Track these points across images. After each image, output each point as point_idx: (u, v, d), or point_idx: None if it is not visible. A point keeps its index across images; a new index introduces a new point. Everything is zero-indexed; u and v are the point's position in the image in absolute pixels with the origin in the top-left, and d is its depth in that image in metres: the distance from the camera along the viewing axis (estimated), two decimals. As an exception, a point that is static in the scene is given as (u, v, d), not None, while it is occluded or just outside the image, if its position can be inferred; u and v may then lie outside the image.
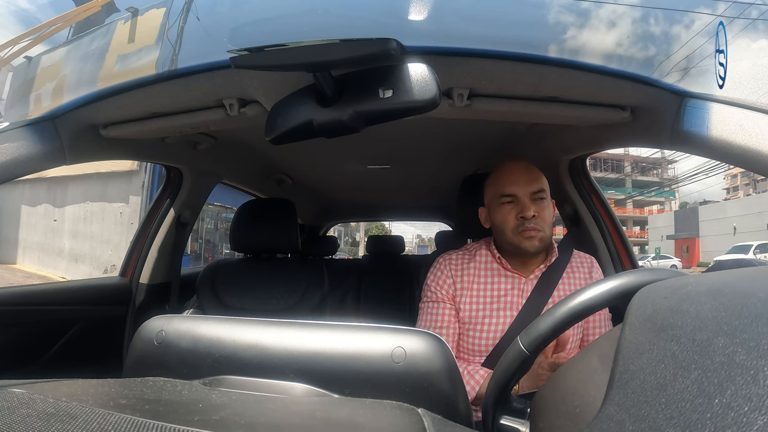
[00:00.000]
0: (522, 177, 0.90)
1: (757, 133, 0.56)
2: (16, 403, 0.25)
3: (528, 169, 0.92)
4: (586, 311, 0.41)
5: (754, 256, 13.76)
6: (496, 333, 0.87)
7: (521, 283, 0.91)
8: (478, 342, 0.87)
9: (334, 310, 1.38)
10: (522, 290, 0.90)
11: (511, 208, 0.89)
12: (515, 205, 0.88)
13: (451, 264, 0.96)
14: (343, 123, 0.65)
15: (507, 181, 0.90)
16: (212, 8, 0.75)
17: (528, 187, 0.88)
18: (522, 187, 0.88)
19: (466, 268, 0.94)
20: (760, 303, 0.21)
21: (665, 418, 0.20)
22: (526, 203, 0.87)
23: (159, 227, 1.44)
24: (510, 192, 0.89)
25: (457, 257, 0.97)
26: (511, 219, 0.88)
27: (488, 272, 0.93)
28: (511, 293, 0.90)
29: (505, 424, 0.44)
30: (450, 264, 0.96)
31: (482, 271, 0.93)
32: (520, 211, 0.87)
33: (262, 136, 0.72)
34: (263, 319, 0.41)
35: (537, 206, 0.87)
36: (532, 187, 0.89)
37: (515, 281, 0.91)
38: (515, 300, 0.89)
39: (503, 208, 0.89)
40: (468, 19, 0.67)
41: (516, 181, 0.89)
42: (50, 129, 0.83)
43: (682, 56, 0.64)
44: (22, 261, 8.61)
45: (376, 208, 3.11)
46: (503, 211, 0.89)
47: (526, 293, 0.89)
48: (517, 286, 0.90)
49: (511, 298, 0.89)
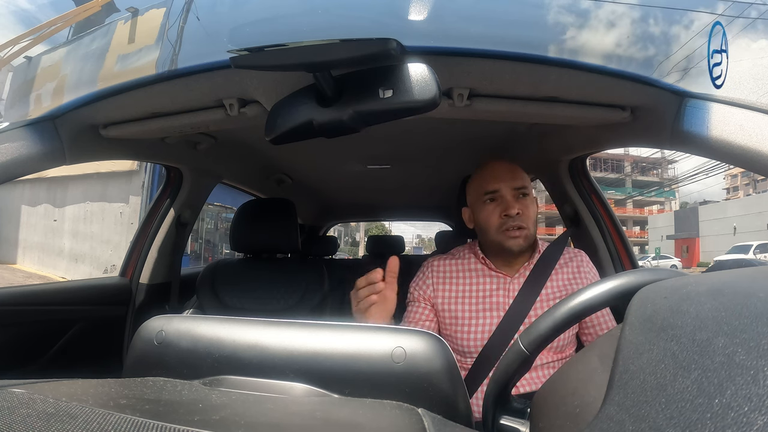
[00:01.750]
0: (505, 173, 0.89)
1: (757, 133, 0.56)
2: (16, 403, 0.25)
3: (510, 166, 0.91)
4: (586, 311, 0.41)
5: (754, 256, 13.76)
6: (483, 333, 0.86)
7: (507, 283, 0.90)
8: (466, 343, 0.87)
9: (334, 310, 1.38)
10: (508, 290, 0.89)
11: (495, 206, 0.88)
12: (498, 204, 0.88)
13: (432, 268, 0.96)
14: (343, 123, 0.65)
15: (490, 178, 0.90)
16: (212, 8, 0.75)
17: (511, 183, 0.88)
18: (505, 182, 0.88)
19: (450, 271, 0.94)
20: (760, 303, 0.21)
21: (665, 418, 0.20)
22: (510, 200, 0.87)
23: (159, 227, 1.44)
24: (493, 188, 0.88)
25: (440, 261, 0.97)
26: (495, 217, 0.88)
27: (473, 273, 0.93)
28: (497, 293, 0.89)
29: (505, 424, 0.44)
30: (432, 268, 0.96)
31: (467, 272, 0.93)
32: (504, 210, 0.87)
33: (262, 136, 0.72)
34: (263, 319, 0.41)
35: (520, 204, 0.87)
36: (515, 183, 0.88)
37: (500, 281, 0.91)
38: (501, 300, 0.88)
39: (486, 206, 0.89)
40: (468, 19, 0.67)
41: (498, 177, 0.89)
42: (50, 129, 0.83)
43: (682, 56, 0.64)
44: (22, 261, 8.61)
45: (376, 208, 3.11)
46: (487, 210, 0.89)
47: (512, 292, 0.89)
48: (502, 286, 0.90)
49: (497, 298, 0.89)
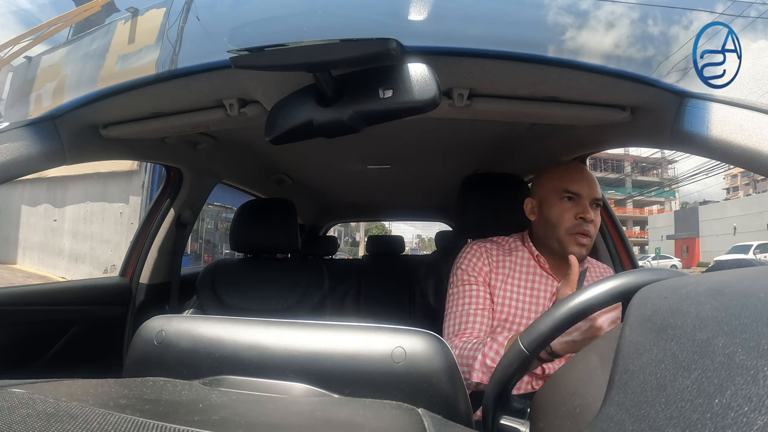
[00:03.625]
0: (590, 180, 0.88)
1: (757, 133, 0.56)
2: (16, 403, 0.25)
3: (593, 176, 0.90)
4: (586, 311, 0.41)
5: (754, 256, 13.74)
6: None
7: (554, 286, 0.88)
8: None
9: (334, 310, 1.38)
10: (554, 293, 0.87)
11: (572, 206, 0.86)
12: (576, 205, 0.86)
13: (487, 251, 0.92)
14: (343, 123, 0.65)
15: (574, 179, 0.88)
16: (212, 8, 0.75)
17: (593, 192, 0.87)
18: (588, 189, 0.87)
19: (503, 261, 0.91)
20: (760, 303, 0.21)
21: (665, 418, 0.20)
22: (587, 206, 0.85)
23: (159, 227, 1.44)
24: (576, 190, 0.86)
25: (492, 247, 0.93)
26: (570, 217, 0.85)
27: (525, 269, 0.90)
28: (544, 295, 0.88)
29: (505, 424, 0.44)
30: (486, 251, 0.92)
31: (519, 266, 0.90)
32: (580, 212, 0.85)
33: (262, 136, 0.72)
34: (263, 319, 0.41)
35: (594, 213, 0.86)
36: (595, 193, 0.87)
37: (549, 283, 0.89)
38: (547, 303, 0.87)
39: (563, 203, 0.87)
40: (468, 19, 0.67)
41: (583, 182, 0.87)
42: (50, 129, 0.83)
43: (681, 56, 0.64)
44: (22, 261, 8.60)
45: (376, 208, 3.11)
46: (562, 207, 0.86)
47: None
48: (550, 289, 0.88)
49: (544, 300, 0.87)
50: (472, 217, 1.10)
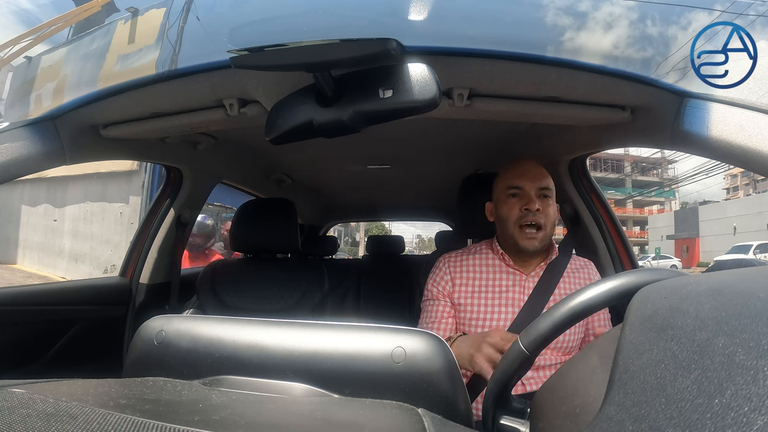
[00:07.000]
0: (531, 172, 0.92)
1: (757, 133, 0.56)
2: (16, 403, 0.25)
3: (537, 167, 0.94)
4: (586, 311, 0.41)
5: (754, 256, 13.74)
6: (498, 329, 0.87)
7: (522, 280, 0.92)
8: None
9: (334, 310, 1.38)
10: (523, 287, 0.91)
11: (516, 201, 0.91)
12: (520, 198, 0.91)
13: (449, 262, 0.97)
14: (343, 123, 0.65)
15: (515, 174, 0.93)
16: (212, 8, 0.75)
17: (535, 182, 0.91)
18: (529, 181, 0.91)
19: (466, 264, 0.96)
20: (760, 303, 0.21)
21: (665, 418, 0.20)
22: (532, 196, 0.89)
23: (159, 227, 1.44)
24: (518, 184, 0.91)
25: (456, 255, 0.99)
26: (515, 211, 0.90)
27: (489, 268, 0.94)
28: (513, 289, 0.91)
29: (505, 424, 0.44)
30: (449, 262, 0.98)
31: (483, 266, 0.95)
32: (524, 204, 0.89)
33: (262, 136, 0.72)
34: (263, 319, 0.41)
35: (542, 202, 0.89)
36: (539, 183, 0.91)
37: (516, 278, 0.92)
38: (517, 296, 0.90)
39: (509, 200, 0.92)
40: (468, 19, 0.67)
41: (524, 175, 0.92)
42: (50, 129, 0.83)
43: (681, 56, 0.64)
44: (22, 261, 8.60)
45: (376, 208, 3.11)
46: (508, 204, 0.92)
47: (527, 290, 0.91)
48: (518, 283, 0.92)
49: (513, 294, 0.91)
50: (472, 217, 1.10)
